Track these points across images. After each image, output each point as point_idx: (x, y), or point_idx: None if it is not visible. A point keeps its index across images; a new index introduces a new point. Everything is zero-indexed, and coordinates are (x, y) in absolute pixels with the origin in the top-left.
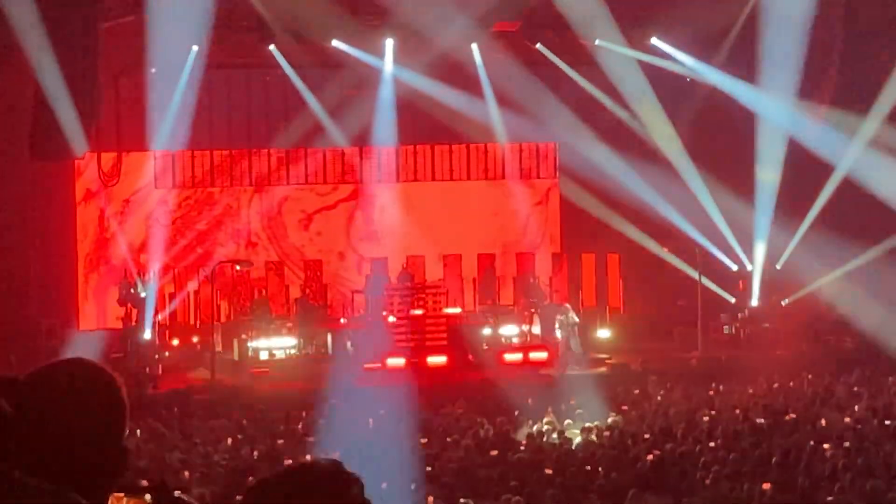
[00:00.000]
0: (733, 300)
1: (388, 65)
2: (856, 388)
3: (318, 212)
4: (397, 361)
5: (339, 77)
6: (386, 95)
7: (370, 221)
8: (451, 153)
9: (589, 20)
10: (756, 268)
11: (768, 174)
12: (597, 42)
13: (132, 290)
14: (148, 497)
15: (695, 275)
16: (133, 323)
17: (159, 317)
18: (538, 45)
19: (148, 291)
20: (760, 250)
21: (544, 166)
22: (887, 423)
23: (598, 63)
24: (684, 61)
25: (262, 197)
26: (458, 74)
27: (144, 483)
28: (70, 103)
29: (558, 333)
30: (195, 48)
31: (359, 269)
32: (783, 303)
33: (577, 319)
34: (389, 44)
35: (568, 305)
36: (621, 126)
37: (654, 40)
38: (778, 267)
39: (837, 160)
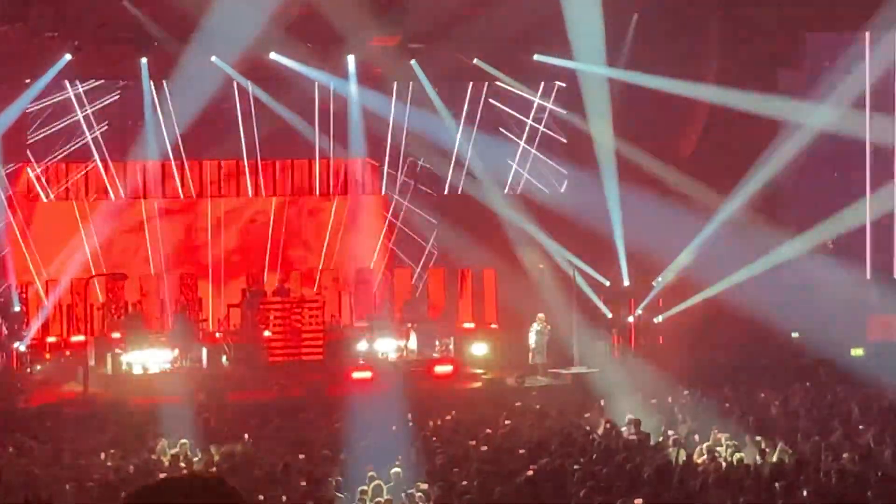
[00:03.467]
0: (610, 315)
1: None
2: (727, 405)
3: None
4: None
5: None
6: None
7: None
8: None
9: (470, 38)
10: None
11: None
12: (475, 61)
13: (3, 304)
14: None
15: (570, 291)
16: (3, 337)
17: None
18: (412, 62)
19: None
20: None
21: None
22: (758, 438)
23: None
24: (582, 70)
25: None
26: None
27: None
28: None
29: (532, 342)
30: (67, 56)
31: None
32: (655, 320)
33: (545, 330)
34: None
35: (541, 316)
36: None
37: (537, 56)
38: (654, 284)
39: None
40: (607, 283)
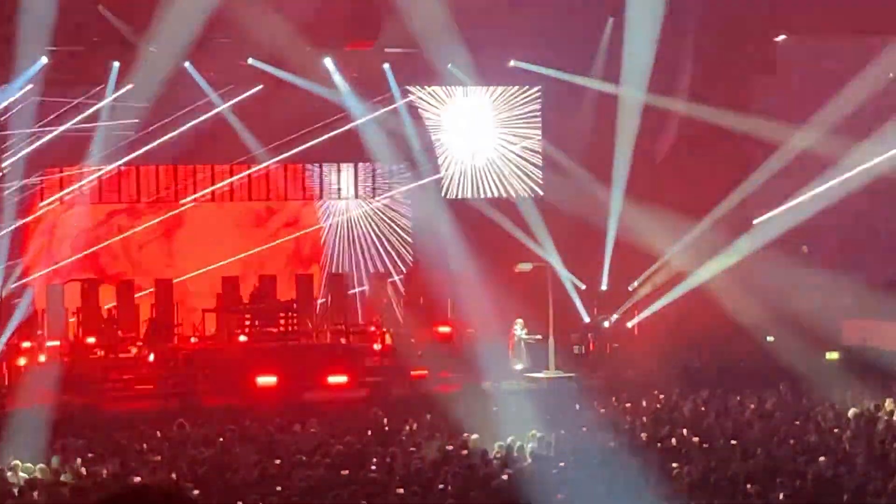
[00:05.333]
0: (588, 319)
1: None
2: (703, 409)
3: None
4: (253, 381)
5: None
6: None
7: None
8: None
9: (441, 43)
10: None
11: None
12: (449, 66)
13: None
14: None
15: (548, 293)
16: None
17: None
18: (385, 66)
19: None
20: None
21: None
22: (734, 442)
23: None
24: (557, 77)
25: None
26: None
27: None
28: None
29: (512, 346)
30: (43, 60)
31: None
32: (628, 325)
33: (525, 335)
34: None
35: (520, 321)
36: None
37: (514, 62)
38: (630, 289)
39: None
40: (583, 287)
